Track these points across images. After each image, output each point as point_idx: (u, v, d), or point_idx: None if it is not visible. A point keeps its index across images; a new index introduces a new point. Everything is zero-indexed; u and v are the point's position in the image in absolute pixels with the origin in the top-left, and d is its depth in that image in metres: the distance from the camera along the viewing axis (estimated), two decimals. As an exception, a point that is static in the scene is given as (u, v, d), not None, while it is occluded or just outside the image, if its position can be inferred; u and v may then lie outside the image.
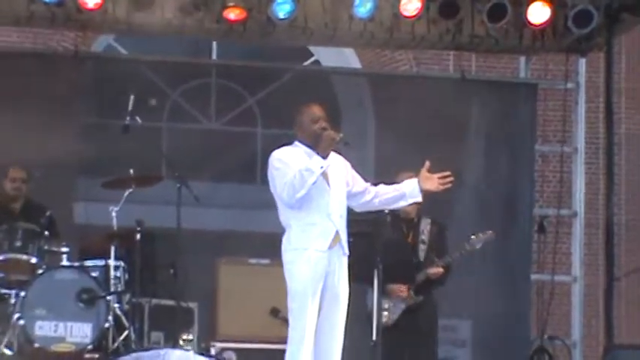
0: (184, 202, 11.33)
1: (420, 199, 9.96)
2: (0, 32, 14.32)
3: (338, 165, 9.92)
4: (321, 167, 9.68)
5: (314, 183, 9.62)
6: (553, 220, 14.42)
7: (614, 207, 13.61)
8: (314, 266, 9.66)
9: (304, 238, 9.68)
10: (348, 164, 10.07)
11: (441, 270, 11.33)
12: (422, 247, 11.60)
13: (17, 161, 12.23)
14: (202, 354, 10.64)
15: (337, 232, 9.72)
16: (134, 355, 2.48)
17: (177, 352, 2.51)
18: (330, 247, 9.69)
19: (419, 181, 9.94)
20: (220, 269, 12.49)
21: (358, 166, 10.10)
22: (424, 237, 11.59)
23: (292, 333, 9.54)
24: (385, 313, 11.43)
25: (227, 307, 12.03)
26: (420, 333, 11.67)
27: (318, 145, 9.60)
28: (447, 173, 9.81)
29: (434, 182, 9.99)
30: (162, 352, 2.38)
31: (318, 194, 9.77)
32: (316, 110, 9.90)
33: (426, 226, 11.62)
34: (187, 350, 10.91)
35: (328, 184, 9.80)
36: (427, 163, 9.80)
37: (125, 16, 12.70)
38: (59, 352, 10.61)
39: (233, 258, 11.75)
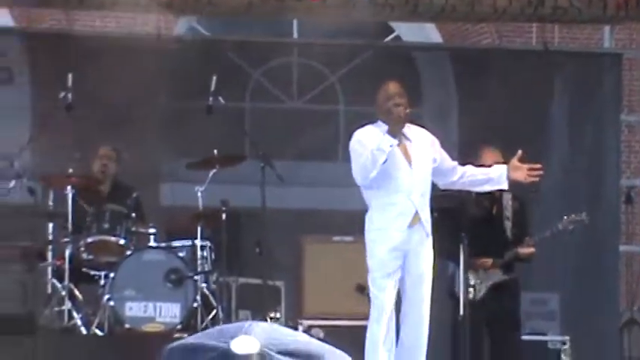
0: (268, 182, 11.41)
1: (506, 186, 10.07)
2: (84, 18, 14.42)
3: (424, 142, 10.23)
4: (390, 146, 9.90)
5: (384, 162, 9.85)
6: None
7: None
8: (393, 246, 9.97)
9: (384, 218, 9.92)
10: (436, 141, 10.35)
11: (532, 249, 11.35)
12: (507, 224, 11.61)
13: (106, 142, 12.34)
14: (289, 330, 10.63)
15: (417, 212, 9.98)
16: (218, 327, 2.45)
17: (261, 323, 2.46)
18: (410, 227, 9.96)
19: (508, 169, 10.08)
20: (305, 247, 12.46)
21: (441, 143, 10.17)
22: (508, 213, 11.59)
23: (371, 311, 9.80)
24: (471, 289, 11.44)
25: (313, 285, 12.05)
26: (504, 310, 11.69)
27: (389, 123, 9.76)
28: (538, 166, 9.86)
29: (523, 173, 10.10)
30: (246, 323, 2.34)
31: (397, 173, 10.05)
32: (391, 87, 10.11)
33: (508, 201, 11.62)
34: (273, 324, 10.93)
35: (410, 162, 10.06)
36: (519, 153, 9.89)
37: None
38: (149, 332, 10.79)
39: (317, 236, 11.79)
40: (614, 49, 14.65)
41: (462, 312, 11.28)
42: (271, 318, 11.01)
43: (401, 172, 10.05)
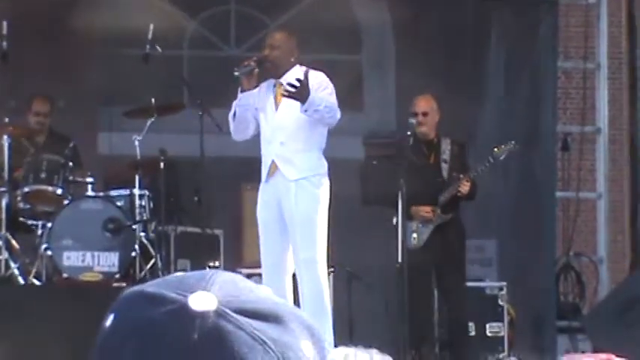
0: (206, 130, 11.46)
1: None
2: None
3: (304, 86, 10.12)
4: (242, 91, 10.27)
5: (234, 117, 10.30)
6: (577, 137, 14.59)
7: (639, 122, 13.73)
8: (260, 199, 10.34)
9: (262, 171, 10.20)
10: (318, 83, 10.26)
11: (468, 184, 11.49)
12: (444, 167, 11.81)
13: (41, 92, 12.38)
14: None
15: (272, 162, 10.15)
16: (180, 275, 2.38)
17: (225, 275, 2.40)
18: (268, 178, 10.23)
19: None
20: (244, 195, 12.55)
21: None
22: (445, 156, 11.76)
23: None
24: (414, 235, 11.56)
25: (252, 233, 11.68)
26: (450, 251, 11.86)
27: None
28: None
29: None
30: (209, 274, 2.27)
31: (263, 123, 10.36)
32: (267, 37, 10.52)
33: (446, 146, 11.74)
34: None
35: (277, 109, 10.31)
36: None
37: None
38: (87, 281, 10.83)
39: (257, 184, 11.65)
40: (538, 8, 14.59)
41: (399, 259, 11.17)
42: (210, 266, 11.09)
43: (266, 121, 10.29)
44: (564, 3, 14.63)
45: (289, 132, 10.15)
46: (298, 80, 10.02)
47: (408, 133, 11.33)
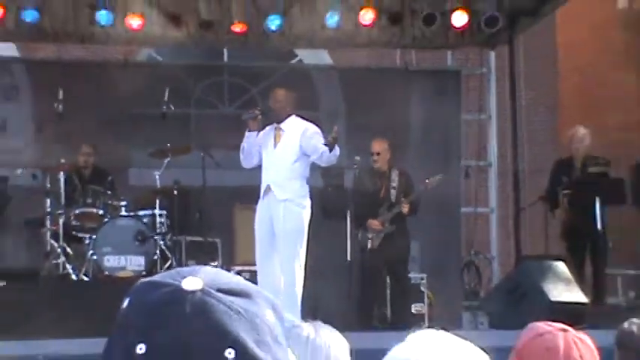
0: (208, 166, 11.65)
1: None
2: (70, 48, 14.55)
3: (296, 131, 10.07)
4: (249, 130, 10.06)
5: (243, 150, 10.09)
6: (475, 168, 14.60)
7: (519, 157, 13.86)
8: (258, 213, 10.15)
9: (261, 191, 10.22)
10: (309, 131, 10.17)
11: (407, 206, 11.50)
12: (393, 192, 11.76)
13: (87, 139, 12.58)
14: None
15: (268, 185, 9.97)
16: (176, 269, 2.42)
17: (208, 268, 2.44)
18: (263, 197, 10.03)
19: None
20: (236, 213, 12.65)
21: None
22: (394, 184, 11.71)
23: None
24: (370, 241, 11.59)
25: (242, 241, 12.01)
26: (396, 254, 11.77)
27: None
28: None
29: None
30: (197, 267, 2.32)
31: (264, 156, 10.15)
32: (272, 93, 10.47)
33: (395, 176, 11.72)
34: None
35: (275, 145, 10.08)
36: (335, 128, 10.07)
37: (161, 33, 12.82)
38: (122, 277, 10.89)
39: (245, 204, 11.77)
40: (455, 67, 14.84)
41: (349, 258, 11.24)
42: (211, 266, 11.09)
43: (267, 154, 10.13)
44: (465, 73, 14.79)
45: (282, 164, 9.99)
46: (333, 138, 10.02)
47: (355, 166, 11.31)
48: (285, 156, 10.01)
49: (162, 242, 11.53)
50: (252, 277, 10.24)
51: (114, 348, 1.45)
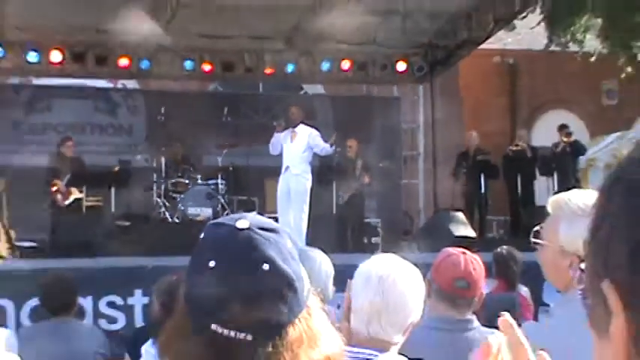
0: (250, 153, 11.49)
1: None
2: (172, 84, 14.09)
3: (305, 133, 10.10)
4: (276, 132, 10.08)
5: (272, 144, 10.14)
6: (410, 156, 14.60)
7: (436, 150, 13.45)
8: (280, 183, 10.17)
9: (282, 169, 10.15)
10: (313, 133, 10.18)
11: (367, 178, 11.56)
12: (358, 170, 11.59)
13: (178, 139, 12.21)
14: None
15: (287, 166, 10.02)
16: (232, 215, 2.27)
17: (252, 214, 2.42)
18: (284, 173, 10.05)
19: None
20: (266, 182, 12.33)
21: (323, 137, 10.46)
22: (359, 166, 11.62)
23: None
24: (341, 197, 11.57)
25: (270, 199, 11.80)
26: (358, 206, 11.72)
27: None
28: None
29: None
30: (245, 214, 2.30)
31: (285, 148, 10.12)
32: (290, 109, 10.49)
33: (359, 161, 11.72)
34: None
35: (292, 142, 10.07)
36: None
37: (229, 74, 12.75)
38: (199, 220, 10.62)
39: (272, 177, 11.35)
40: (398, 95, 14.72)
41: (334, 210, 11.55)
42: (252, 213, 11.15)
43: (286, 147, 10.11)
44: (403, 99, 14.68)
45: (296, 154, 10.02)
46: (334, 141, 10.29)
47: (336, 155, 11.12)
48: (298, 148, 10.02)
49: (222, 199, 11.28)
50: (276, 220, 10.58)
51: (195, 263, 1.37)
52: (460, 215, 10.78)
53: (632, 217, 0.60)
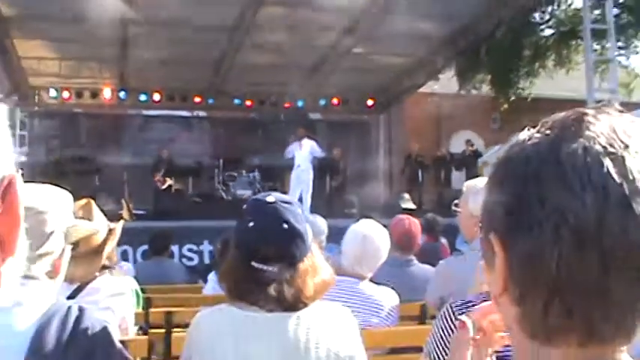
0: (285, 162, 10.38)
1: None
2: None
3: (308, 145, 9.70)
4: (291, 144, 9.53)
5: (287, 151, 9.60)
6: (373, 160, 13.39)
7: (392, 158, 12.87)
8: (293, 174, 9.57)
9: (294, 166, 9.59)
10: (314, 144, 9.75)
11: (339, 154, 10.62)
12: (342, 165, 11.00)
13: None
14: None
15: (299, 165, 9.50)
16: (262, 193, 1.40)
17: (276, 193, 1.40)
18: (295, 169, 9.55)
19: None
20: (285, 176, 10.81)
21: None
22: (342, 164, 11.12)
23: None
24: (334, 183, 10.81)
25: (286, 184, 10.31)
26: (343, 189, 10.93)
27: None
28: None
29: None
30: (272, 192, 1.40)
31: (296, 153, 9.65)
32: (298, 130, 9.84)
33: (343, 162, 11.11)
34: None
35: (301, 149, 9.65)
36: None
37: (258, 107, 12.00)
38: (243, 198, 9.33)
39: (289, 171, 10.32)
40: (367, 121, 13.58)
41: (327, 189, 10.78)
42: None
43: (297, 153, 9.72)
44: (370, 124, 13.47)
45: (303, 157, 9.61)
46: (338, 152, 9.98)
47: (329, 158, 10.49)
48: (305, 154, 9.68)
49: (258, 185, 10.81)
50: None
51: (241, 223, 1.17)
52: (406, 195, 10.54)
53: (496, 187, 0.56)
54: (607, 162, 0.51)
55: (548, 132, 0.54)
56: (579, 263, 0.50)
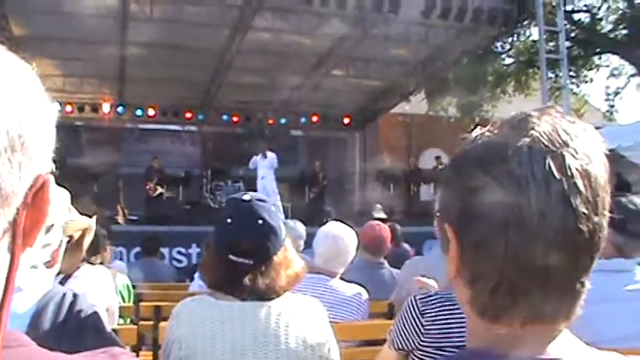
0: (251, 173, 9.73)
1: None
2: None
3: (270, 156, 9.13)
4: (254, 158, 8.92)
5: (250, 163, 8.97)
6: (350, 172, 13.36)
7: (367, 169, 12.64)
8: (259, 182, 8.91)
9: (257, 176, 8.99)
10: (274, 156, 9.14)
11: (322, 185, 10.41)
12: (320, 177, 10.62)
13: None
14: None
15: (263, 176, 8.99)
16: (242, 192, 1.39)
17: (253, 193, 1.42)
18: (260, 179, 8.86)
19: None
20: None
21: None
22: (321, 176, 10.70)
23: None
24: (312, 191, 10.53)
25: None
26: (319, 194, 10.49)
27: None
28: None
29: None
30: (247, 192, 1.43)
31: (258, 165, 9.17)
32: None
33: (321, 174, 10.74)
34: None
35: (264, 159, 9.07)
36: None
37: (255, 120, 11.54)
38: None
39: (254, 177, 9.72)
40: (342, 137, 13.46)
41: (306, 200, 10.52)
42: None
43: (260, 164, 9.15)
44: (347, 141, 13.44)
45: (265, 167, 9.08)
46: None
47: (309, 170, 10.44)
48: (267, 164, 9.18)
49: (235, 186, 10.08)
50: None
51: (219, 219, 1.19)
52: (379, 205, 10.37)
53: (450, 181, 0.56)
54: (549, 159, 0.51)
55: (497, 131, 0.55)
56: (524, 251, 0.50)
